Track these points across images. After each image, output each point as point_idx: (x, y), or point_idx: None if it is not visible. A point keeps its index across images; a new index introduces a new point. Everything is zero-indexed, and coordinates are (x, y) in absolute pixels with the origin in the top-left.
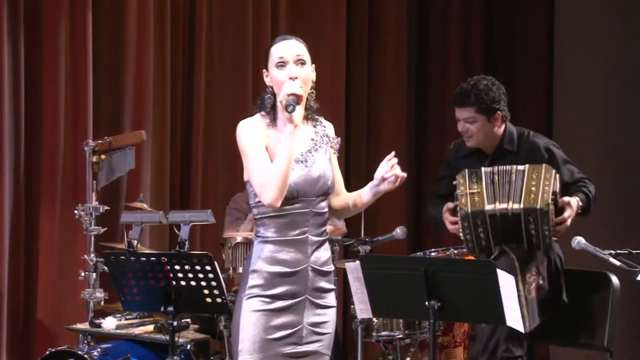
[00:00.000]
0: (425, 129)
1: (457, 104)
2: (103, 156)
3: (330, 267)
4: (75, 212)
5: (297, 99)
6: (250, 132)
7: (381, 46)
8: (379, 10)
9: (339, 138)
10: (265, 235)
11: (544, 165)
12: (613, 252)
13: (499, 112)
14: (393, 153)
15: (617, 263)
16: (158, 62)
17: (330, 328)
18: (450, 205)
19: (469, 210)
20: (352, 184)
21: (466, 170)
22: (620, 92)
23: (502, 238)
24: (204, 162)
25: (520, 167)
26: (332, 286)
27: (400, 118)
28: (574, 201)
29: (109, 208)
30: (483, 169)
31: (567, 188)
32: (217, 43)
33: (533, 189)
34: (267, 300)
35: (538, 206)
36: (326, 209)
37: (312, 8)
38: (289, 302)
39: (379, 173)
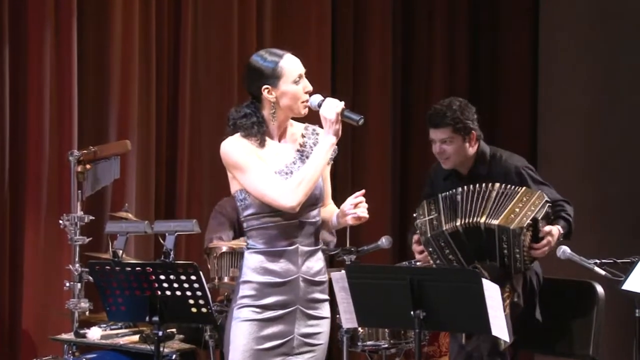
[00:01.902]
0: (410, 139)
1: (433, 125)
2: (88, 166)
3: (324, 277)
4: (60, 222)
5: (346, 108)
6: (240, 147)
7: (366, 57)
8: (364, 22)
9: (336, 147)
10: (255, 247)
11: (538, 191)
12: (598, 261)
13: (473, 131)
14: (363, 191)
15: (602, 272)
16: (143, 71)
17: (323, 339)
18: (415, 237)
19: (429, 235)
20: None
21: (424, 201)
22: (605, 102)
23: (474, 255)
24: (189, 172)
25: (519, 189)
26: (325, 297)
27: (386, 129)
28: (556, 230)
29: (93, 218)
30: (439, 195)
31: None
32: (202, 52)
33: (517, 210)
34: (257, 310)
35: (511, 227)
36: (317, 218)
37: (296, 21)
38: (280, 312)
39: (343, 207)
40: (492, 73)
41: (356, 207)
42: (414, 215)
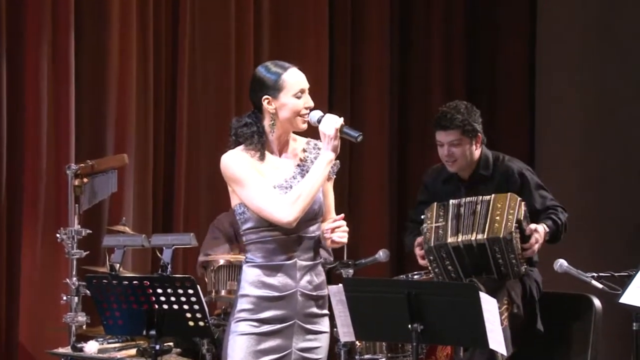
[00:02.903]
0: (407, 151)
1: (442, 127)
2: (85, 179)
3: (323, 292)
4: (58, 235)
5: (345, 125)
6: (240, 160)
7: (364, 66)
8: (362, 26)
9: (338, 162)
10: (253, 260)
11: (508, 194)
12: (595, 274)
13: (479, 134)
14: (342, 215)
15: (600, 286)
16: (140, 84)
17: (322, 354)
18: (419, 239)
19: (432, 244)
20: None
21: (435, 204)
22: (602, 113)
23: (471, 270)
24: (187, 186)
25: (486, 197)
26: (324, 311)
27: (383, 140)
28: (541, 227)
29: (91, 231)
30: (451, 201)
31: (538, 215)
32: (200, 65)
33: (497, 218)
34: (255, 324)
35: (501, 235)
36: (316, 233)
37: (293, 25)
38: (277, 326)
39: (323, 228)
40: (489, 82)
41: (333, 231)
42: (422, 217)
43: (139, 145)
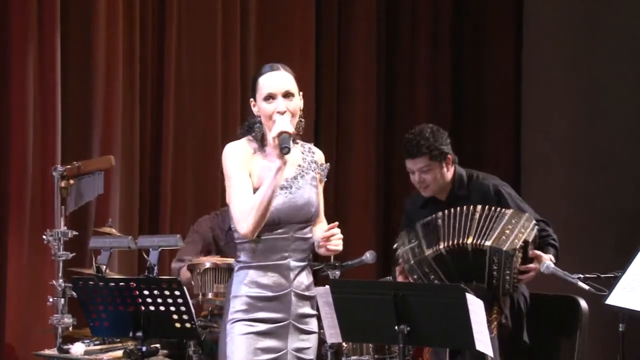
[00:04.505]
0: (394, 153)
1: (410, 156)
2: (72, 181)
3: (313, 292)
4: (44, 237)
5: (289, 137)
6: (236, 156)
7: (351, 68)
8: (349, 32)
9: (328, 164)
10: (246, 261)
11: (526, 214)
12: (582, 276)
13: (449, 155)
14: (336, 223)
15: (586, 287)
16: (127, 86)
17: (312, 354)
18: (399, 268)
19: (412, 262)
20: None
21: (402, 232)
22: (588, 117)
23: (459, 277)
24: (173, 187)
25: (508, 211)
26: (314, 312)
27: (370, 142)
28: (546, 256)
29: (77, 233)
30: (417, 223)
31: None
32: (186, 67)
33: (507, 232)
34: (251, 323)
35: (504, 248)
36: (310, 235)
37: (280, 25)
38: (273, 326)
39: (317, 238)
40: (475, 88)
41: (329, 240)
42: (394, 246)
43: (125, 147)
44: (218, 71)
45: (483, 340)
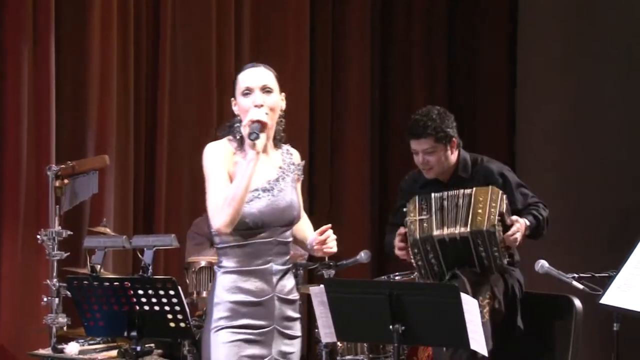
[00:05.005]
0: (389, 152)
1: (415, 136)
2: (66, 181)
3: (296, 296)
4: (38, 237)
5: (261, 126)
6: (216, 155)
7: (344, 63)
8: (342, 29)
9: (303, 162)
10: (227, 266)
11: (490, 187)
12: (576, 275)
13: (454, 139)
14: (329, 226)
15: (580, 286)
16: (121, 85)
17: (296, 358)
18: (402, 230)
19: (418, 237)
20: (315, 210)
21: (417, 197)
22: (581, 116)
23: (454, 262)
24: (168, 187)
25: (468, 191)
26: (298, 315)
27: (364, 140)
28: (522, 220)
29: (72, 233)
30: (433, 194)
31: (520, 213)
32: (181, 67)
33: (480, 211)
34: (235, 330)
35: (484, 228)
36: (290, 238)
37: (274, 27)
38: (257, 331)
39: (311, 242)
40: (470, 85)
41: (324, 242)
42: (404, 209)
43: (119, 147)
44: (212, 71)
45: (477, 340)
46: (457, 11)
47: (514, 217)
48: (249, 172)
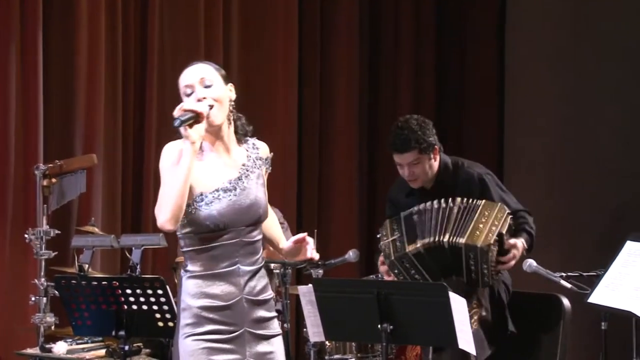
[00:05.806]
0: (377, 152)
1: (399, 150)
2: (54, 180)
3: (268, 295)
4: (26, 236)
5: (196, 116)
6: (169, 155)
7: (333, 63)
8: (331, 33)
9: (272, 154)
10: (193, 270)
11: (498, 204)
12: (564, 274)
13: (436, 146)
14: (305, 234)
15: (568, 285)
16: (109, 85)
17: (280, 356)
18: (381, 258)
19: (393, 258)
20: (303, 209)
21: (387, 221)
22: (571, 116)
23: (440, 273)
24: (156, 186)
25: (479, 202)
26: (272, 314)
27: (353, 140)
28: (520, 243)
29: (59, 232)
30: (402, 213)
31: None
32: (169, 65)
33: (480, 226)
34: (201, 337)
35: (479, 245)
36: (258, 237)
37: (263, 26)
38: (226, 336)
39: (290, 248)
40: (458, 85)
41: (300, 250)
42: (378, 236)
43: (107, 146)
44: None
45: (466, 339)
46: (445, 9)
47: (512, 241)
48: (184, 164)
